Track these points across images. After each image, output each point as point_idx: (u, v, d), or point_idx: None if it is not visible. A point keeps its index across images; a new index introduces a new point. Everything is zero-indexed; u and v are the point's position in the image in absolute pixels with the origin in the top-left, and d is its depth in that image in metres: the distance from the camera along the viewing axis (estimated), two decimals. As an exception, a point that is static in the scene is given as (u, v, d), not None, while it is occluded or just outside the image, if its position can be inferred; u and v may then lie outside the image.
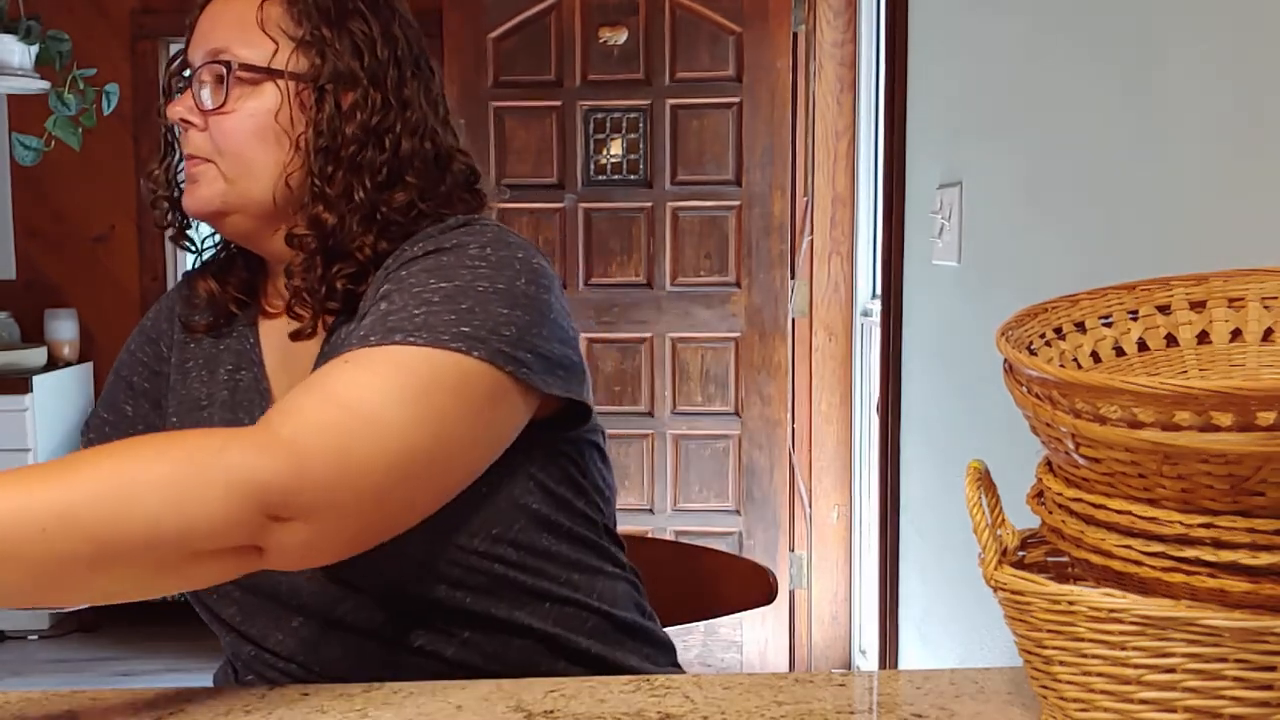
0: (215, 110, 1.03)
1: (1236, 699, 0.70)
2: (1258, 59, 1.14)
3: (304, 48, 1.03)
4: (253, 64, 1.02)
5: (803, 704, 0.87)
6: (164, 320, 1.17)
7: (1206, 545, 0.69)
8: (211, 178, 1.04)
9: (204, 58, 1.04)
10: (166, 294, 1.20)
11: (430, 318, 0.92)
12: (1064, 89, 1.60)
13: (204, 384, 1.11)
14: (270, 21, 1.03)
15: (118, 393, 1.15)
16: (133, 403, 1.15)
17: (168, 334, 1.16)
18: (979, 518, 0.79)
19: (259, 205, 1.04)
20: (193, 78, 1.05)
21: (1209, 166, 1.23)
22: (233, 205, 1.04)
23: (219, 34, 1.04)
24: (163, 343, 1.15)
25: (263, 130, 1.03)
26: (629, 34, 3.58)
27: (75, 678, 3.53)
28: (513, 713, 0.85)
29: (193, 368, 1.12)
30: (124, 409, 1.15)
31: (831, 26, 3.49)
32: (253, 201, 1.04)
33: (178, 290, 1.19)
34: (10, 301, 4.21)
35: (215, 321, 1.13)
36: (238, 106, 1.03)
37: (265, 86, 1.03)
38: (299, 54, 1.03)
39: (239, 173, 1.03)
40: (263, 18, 1.03)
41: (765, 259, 3.60)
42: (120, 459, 0.82)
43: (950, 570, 2.13)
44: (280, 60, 1.02)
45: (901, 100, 2.35)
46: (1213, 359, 0.84)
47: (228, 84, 1.02)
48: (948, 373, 2.15)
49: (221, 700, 0.89)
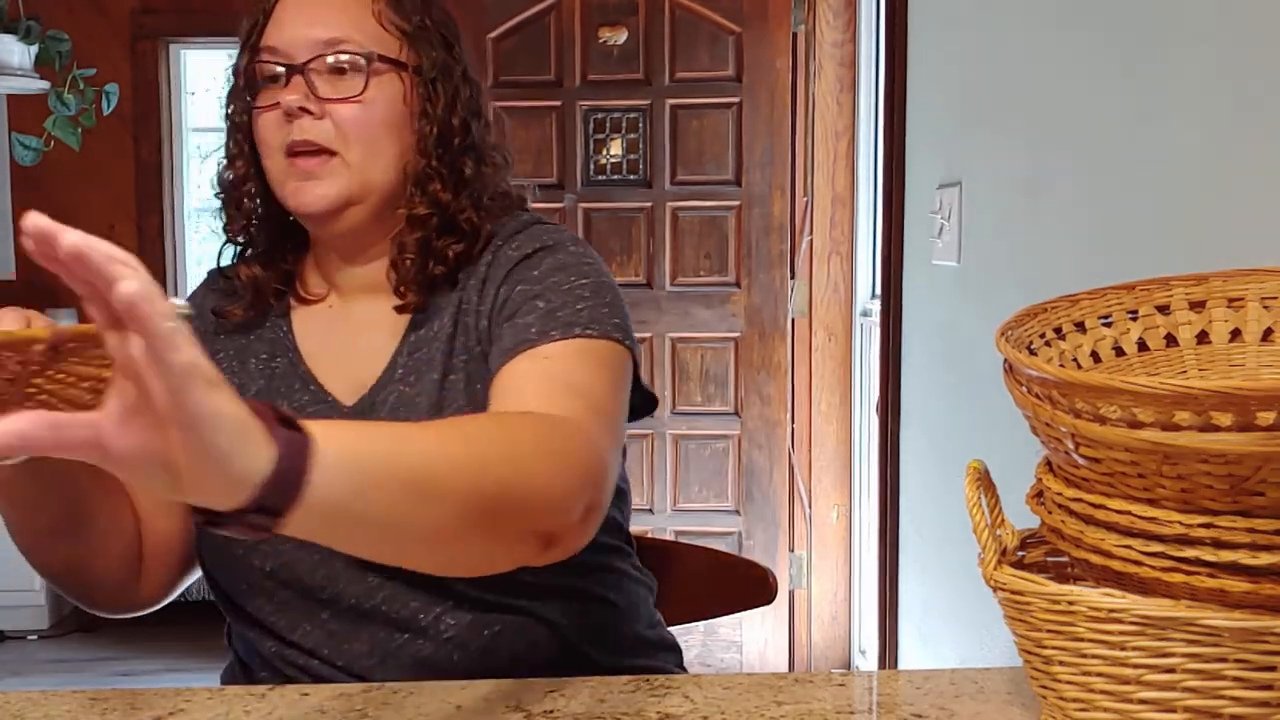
0: (346, 99, 1.04)
1: (1236, 699, 0.70)
2: (1258, 59, 1.13)
3: (414, 40, 1.08)
4: (386, 55, 1.06)
5: (802, 704, 0.87)
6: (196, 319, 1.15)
7: (1206, 545, 0.69)
8: (334, 171, 1.04)
9: (320, 48, 1.04)
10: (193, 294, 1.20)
11: (592, 311, 1.00)
12: (1064, 89, 1.60)
13: (235, 375, 1.11)
14: (384, 15, 1.07)
15: None
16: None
17: (197, 327, 1.14)
18: (979, 518, 0.79)
19: (379, 194, 1.07)
20: (303, 67, 1.04)
21: (1209, 166, 1.23)
22: (356, 197, 1.05)
23: (333, 24, 1.05)
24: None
25: (391, 119, 1.06)
26: (628, 34, 3.58)
27: (75, 678, 3.53)
28: (512, 713, 0.85)
29: (223, 359, 1.12)
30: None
31: (831, 26, 3.49)
32: (374, 191, 1.06)
33: (205, 287, 1.19)
34: (9, 301, 4.19)
35: (253, 310, 1.13)
36: (373, 96, 1.05)
37: (390, 77, 1.06)
38: (411, 46, 1.07)
39: (367, 163, 1.05)
40: (377, 10, 1.07)
41: (765, 259, 3.60)
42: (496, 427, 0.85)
43: (950, 570, 2.13)
44: (403, 53, 1.07)
45: (901, 100, 2.35)
46: (1212, 359, 0.85)
47: (367, 74, 1.05)
48: (947, 373, 2.15)
49: (221, 700, 0.89)
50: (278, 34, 1.06)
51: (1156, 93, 1.34)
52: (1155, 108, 1.34)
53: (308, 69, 1.04)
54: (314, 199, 1.04)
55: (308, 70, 1.04)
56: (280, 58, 1.05)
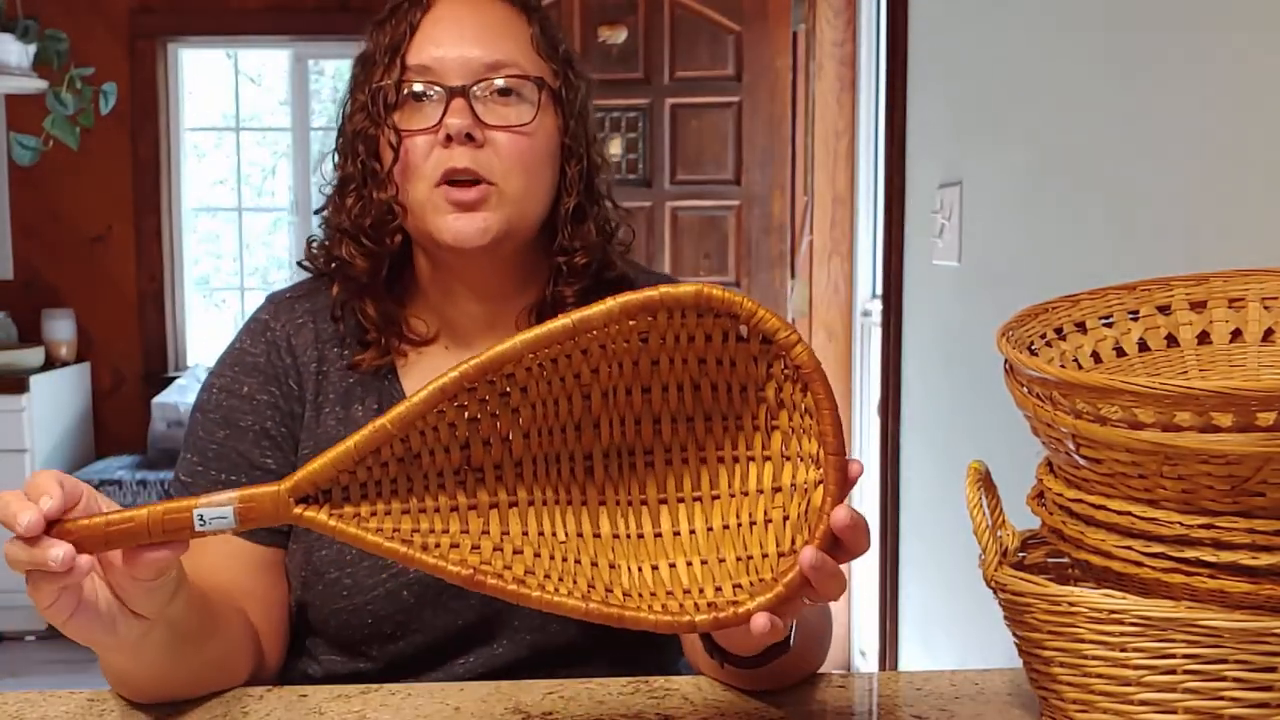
0: (513, 128, 0.98)
1: (1236, 699, 0.70)
2: (1258, 58, 1.13)
3: (562, 70, 1.03)
4: (552, 85, 1.01)
5: (802, 706, 0.87)
6: (281, 354, 1.04)
7: (1207, 546, 0.69)
8: (494, 203, 0.97)
9: (483, 71, 0.98)
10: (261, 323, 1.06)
11: None
12: (1065, 88, 1.60)
13: (340, 422, 1.02)
14: (538, 41, 1.02)
15: (248, 446, 1.01)
16: (274, 454, 1.01)
17: (292, 369, 1.03)
18: (979, 518, 0.79)
19: (530, 228, 1.02)
20: (467, 90, 0.97)
21: (1210, 166, 1.23)
22: (515, 230, 0.99)
23: (496, 46, 0.99)
24: (289, 379, 1.03)
25: (551, 152, 1.01)
26: (628, 33, 3.57)
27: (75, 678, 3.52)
28: (511, 714, 0.85)
29: (324, 402, 1.03)
30: (264, 463, 1.01)
31: (831, 26, 3.49)
32: (528, 227, 1.01)
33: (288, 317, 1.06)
34: (7, 301, 4.21)
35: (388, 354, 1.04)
36: (539, 126, 0.99)
37: (549, 107, 1.01)
38: (560, 76, 1.02)
39: (525, 196, 0.99)
40: (533, 35, 1.02)
41: (765, 259, 3.60)
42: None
43: (950, 571, 2.13)
44: (556, 82, 1.02)
45: (902, 100, 2.35)
46: (1213, 359, 0.84)
47: (538, 103, 0.99)
48: (948, 373, 2.15)
49: (221, 700, 0.89)
50: (431, 50, 0.98)
51: (1157, 92, 1.33)
52: (1156, 107, 1.34)
53: (471, 92, 0.97)
54: (475, 233, 0.97)
55: (471, 95, 0.97)
56: (434, 77, 0.98)
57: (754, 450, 0.76)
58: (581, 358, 0.73)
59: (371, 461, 0.72)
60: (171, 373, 4.32)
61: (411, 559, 0.71)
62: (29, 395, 3.84)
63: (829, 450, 0.71)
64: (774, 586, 0.71)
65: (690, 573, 0.75)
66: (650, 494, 0.76)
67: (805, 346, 0.72)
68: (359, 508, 0.72)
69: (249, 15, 4.24)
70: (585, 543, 0.75)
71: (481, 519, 0.74)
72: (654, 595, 0.73)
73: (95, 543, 0.69)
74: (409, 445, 0.72)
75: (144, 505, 0.70)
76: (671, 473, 0.76)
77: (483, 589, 0.71)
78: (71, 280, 4.26)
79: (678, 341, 0.73)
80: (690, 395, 0.75)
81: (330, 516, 0.71)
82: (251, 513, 0.71)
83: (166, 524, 0.69)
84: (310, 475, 0.71)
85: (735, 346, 0.74)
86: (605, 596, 0.73)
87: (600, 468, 0.76)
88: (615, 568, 0.75)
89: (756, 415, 0.75)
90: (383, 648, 0.99)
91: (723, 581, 0.74)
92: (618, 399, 0.75)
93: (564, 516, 0.75)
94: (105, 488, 3.74)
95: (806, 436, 0.73)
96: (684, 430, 0.76)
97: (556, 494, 0.75)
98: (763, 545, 0.74)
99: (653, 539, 0.76)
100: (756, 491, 0.75)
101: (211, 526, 0.70)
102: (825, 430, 0.71)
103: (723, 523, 0.76)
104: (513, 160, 0.98)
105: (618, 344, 0.73)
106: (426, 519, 0.73)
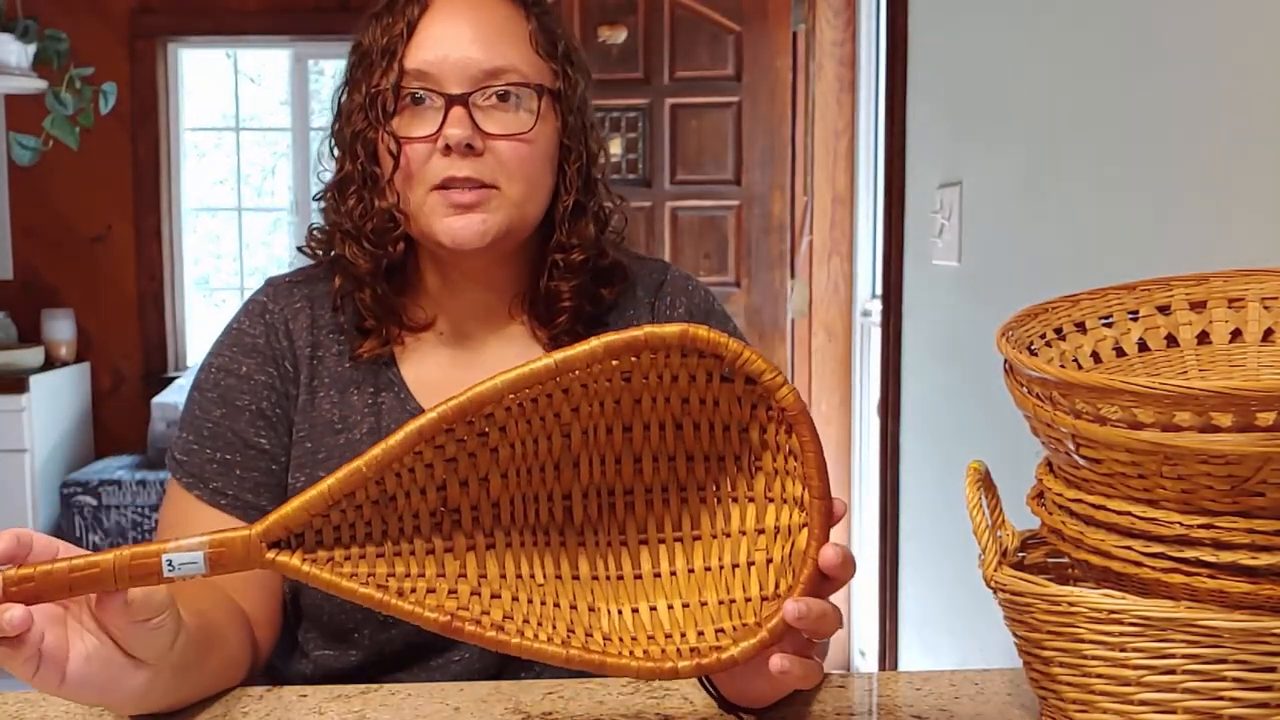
0: (514, 136, 0.98)
1: (1236, 700, 0.70)
2: (1258, 58, 1.13)
3: (561, 67, 1.02)
4: (549, 88, 1.01)
5: (802, 705, 0.87)
6: (279, 336, 1.05)
7: (1206, 546, 0.69)
8: (494, 205, 0.98)
9: (483, 78, 0.97)
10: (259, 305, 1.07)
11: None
12: (1064, 88, 1.60)
13: (335, 406, 1.03)
14: (537, 39, 1.01)
15: (243, 426, 1.02)
16: (268, 434, 1.03)
17: (288, 352, 1.04)
18: (979, 519, 0.79)
19: (529, 227, 1.02)
20: (467, 99, 0.97)
21: (1209, 166, 1.23)
22: (515, 230, 1.00)
23: (496, 50, 0.98)
24: (285, 361, 1.04)
25: (550, 154, 1.02)
26: (628, 33, 3.57)
27: (74, 678, 3.52)
28: (511, 714, 0.85)
29: (319, 387, 1.04)
30: (258, 443, 1.02)
31: (831, 26, 3.49)
32: (527, 226, 1.02)
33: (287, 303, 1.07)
34: (7, 301, 4.21)
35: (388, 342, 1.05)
36: (540, 133, 0.99)
37: (549, 110, 1.01)
38: (559, 75, 1.02)
39: (526, 198, 1.00)
40: (531, 33, 1.01)
41: (764, 259, 3.60)
42: None
43: (950, 571, 2.13)
44: (555, 82, 1.02)
45: (901, 100, 2.35)
46: (1213, 359, 0.84)
47: (538, 111, 0.99)
48: (948, 373, 2.15)
49: (221, 700, 0.89)
50: (429, 53, 0.97)
51: (1157, 92, 1.33)
52: (1156, 107, 1.34)
53: (471, 100, 0.97)
54: (474, 235, 0.97)
55: (471, 103, 0.97)
56: (432, 83, 0.97)
57: (737, 491, 0.75)
58: (563, 397, 0.72)
59: (346, 504, 0.70)
60: (171, 373, 4.32)
61: (387, 605, 0.70)
62: (29, 395, 3.84)
63: (814, 494, 0.70)
64: (757, 631, 0.70)
65: (671, 616, 0.74)
66: (630, 534, 0.75)
67: (791, 389, 0.70)
68: (333, 552, 0.71)
69: (249, 15, 4.25)
70: (564, 585, 0.74)
71: (458, 561, 0.73)
72: (634, 640, 0.73)
73: (58, 589, 0.67)
74: (384, 487, 0.71)
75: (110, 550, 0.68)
76: (652, 513, 0.75)
77: (460, 636, 0.70)
78: (71, 280, 4.26)
79: (661, 380, 0.72)
80: (672, 434, 0.74)
81: (304, 562, 0.70)
82: (222, 558, 0.69)
83: (134, 570, 0.67)
84: (282, 519, 0.69)
85: (720, 386, 0.73)
86: (585, 641, 0.72)
87: (580, 508, 0.75)
88: (595, 610, 0.74)
89: (740, 456, 0.74)
90: (374, 635, 1.00)
91: (705, 625, 0.73)
92: (598, 437, 0.74)
93: (543, 558, 0.74)
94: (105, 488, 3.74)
95: (791, 479, 0.72)
96: (665, 470, 0.75)
97: (535, 535, 0.75)
98: (745, 588, 0.74)
99: (633, 580, 0.75)
100: (739, 533, 0.75)
101: (180, 572, 0.68)
102: (810, 473, 0.70)
103: (705, 564, 0.75)
104: (514, 166, 0.98)
105: (600, 383, 0.72)
106: (402, 562, 0.72)
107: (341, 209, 1.03)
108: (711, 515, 0.75)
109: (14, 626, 0.64)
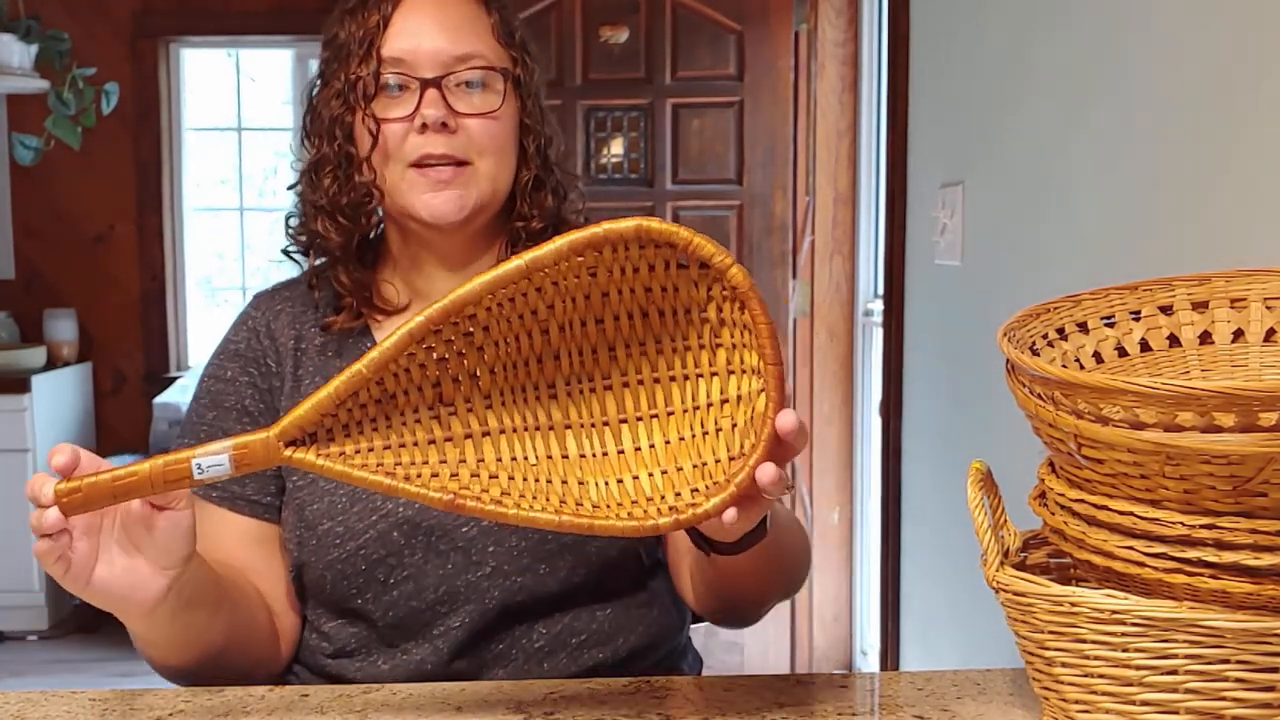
0: (483, 114, 1.06)
1: (1238, 700, 0.70)
2: (1259, 57, 1.13)
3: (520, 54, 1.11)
4: (513, 72, 1.10)
5: (804, 705, 0.87)
6: (260, 339, 1.12)
7: (1209, 546, 0.69)
8: (469, 179, 1.06)
9: (453, 63, 1.06)
10: (244, 315, 1.15)
11: None
12: (1066, 88, 1.60)
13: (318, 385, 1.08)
14: (498, 30, 1.10)
15: (230, 423, 1.10)
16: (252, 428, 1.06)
17: (270, 349, 1.12)
18: (981, 519, 0.79)
19: (499, 201, 1.10)
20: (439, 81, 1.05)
21: (1211, 166, 1.23)
22: (487, 205, 1.08)
23: (463, 38, 1.07)
24: (268, 358, 1.12)
25: (514, 131, 1.10)
26: (630, 33, 3.57)
27: (75, 678, 3.53)
28: (512, 714, 0.85)
29: (304, 374, 1.10)
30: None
31: (833, 26, 3.48)
32: (498, 199, 1.10)
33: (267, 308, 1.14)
34: (9, 301, 4.21)
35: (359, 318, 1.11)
36: (505, 111, 1.08)
37: (512, 92, 1.10)
38: (518, 61, 1.11)
39: (497, 172, 1.08)
40: (493, 24, 1.10)
41: (766, 259, 3.60)
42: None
43: (952, 571, 2.13)
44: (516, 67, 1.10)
45: (903, 99, 2.35)
46: (1215, 359, 0.84)
47: (504, 91, 1.08)
48: (950, 373, 2.15)
49: (221, 700, 0.89)
50: (404, 43, 1.06)
51: (1158, 92, 1.33)
52: (1158, 107, 1.34)
53: (443, 83, 1.05)
54: (452, 208, 1.05)
55: (443, 85, 1.05)
56: (407, 69, 1.05)
57: (701, 368, 0.83)
58: (536, 295, 0.79)
59: (351, 404, 0.78)
60: (173, 373, 4.32)
61: (396, 489, 0.78)
62: (31, 395, 3.84)
63: (768, 360, 0.77)
64: (727, 487, 0.77)
65: (652, 483, 0.82)
66: (611, 415, 0.83)
67: (740, 268, 0.77)
68: (344, 446, 0.79)
69: (250, 16, 4.24)
70: (555, 464, 0.82)
71: (457, 449, 0.81)
72: (620, 505, 0.81)
73: (103, 496, 0.77)
74: (384, 387, 0.79)
75: (146, 459, 0.77)
76: (629, 394, 0.83)
77: (464, 511, 0.78)
78: (73, 280, 4.26)
79: (623, 273, 0.79)
80: (639, 322, 0.82)
81: (318, 456, 0.78)
82: (245, 458, 0.77)
83: (167, 475, 0.77)
84: (296, 420, 0.78)
85: (676, 273, 0.79)
86: (576, 510, 0.79)
87: (563, 395, 0.83)
88: (584, 484, 0.82)
89: (701, 335, 0.82)
90: (378, 599, 1.04)
91: (682, 488, 0.81)
92: (573, 331, 0.82)
93: (533, 441, 0.82)
94: (107, 487, 3.73)
95: (747, 350, 0.80)
96: (636, 355, 0.83)
97: (525, 421, 0.82)
98: (715, 452, 0.81)
99: (616, 456, 0.83)
100: (706, 405, 0.82)
101: (209, 474, 0.77)
102: (763, 343, 0.77)
103: (678, 435, 0.83)
104: (485, 142, 1.07)
105: (569, 280, 0.79)
106: (407, 452, 0.80)
107: (318, 189, 1.10)
108: (680, 391, 0.83)
109: (51, 526, 0.77)
